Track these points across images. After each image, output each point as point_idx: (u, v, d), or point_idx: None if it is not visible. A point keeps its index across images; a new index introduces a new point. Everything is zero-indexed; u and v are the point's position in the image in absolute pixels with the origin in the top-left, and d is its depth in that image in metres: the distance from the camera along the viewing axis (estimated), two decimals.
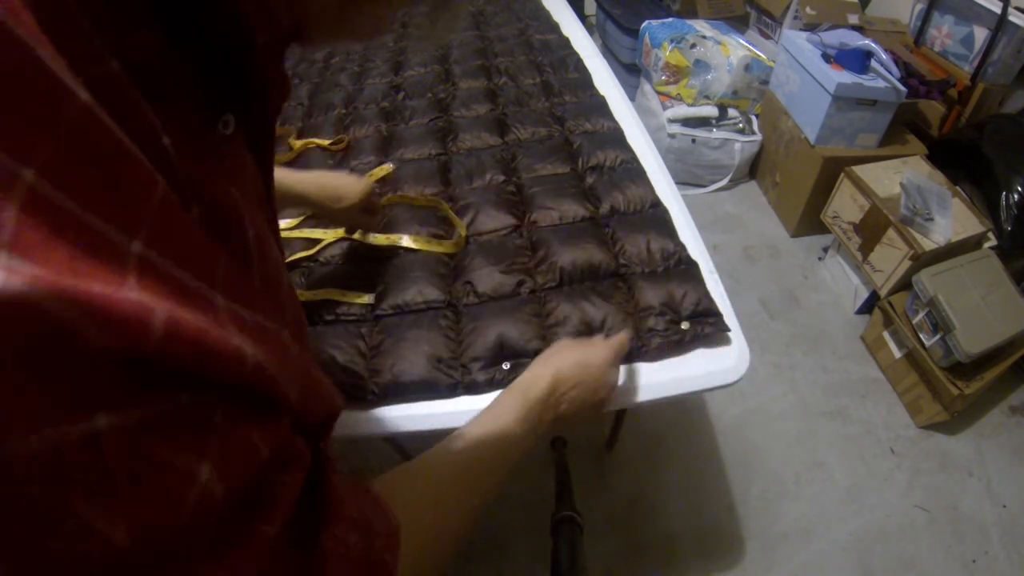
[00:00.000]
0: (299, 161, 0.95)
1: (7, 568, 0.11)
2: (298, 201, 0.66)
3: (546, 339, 0.64)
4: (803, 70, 1.64)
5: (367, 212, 0.72)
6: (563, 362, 0.49)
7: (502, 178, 0.86)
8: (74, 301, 0.10)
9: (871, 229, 1.44)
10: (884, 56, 1.53)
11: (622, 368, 0.59)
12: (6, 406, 0.10)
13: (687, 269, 0.70)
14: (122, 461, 0.12)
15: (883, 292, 1.43)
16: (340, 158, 0.95)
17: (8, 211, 0.10)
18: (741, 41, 1.94)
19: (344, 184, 0.68)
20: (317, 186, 0.65)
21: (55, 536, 0.11)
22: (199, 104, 0.19)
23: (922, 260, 1.31)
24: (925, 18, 1.71)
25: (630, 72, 2.23)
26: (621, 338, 0.56)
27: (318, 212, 0.71)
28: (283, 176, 0.61)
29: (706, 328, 0.64)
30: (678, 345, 0.63)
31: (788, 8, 1.95)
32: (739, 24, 2.24)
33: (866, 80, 1.49)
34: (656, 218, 0.77)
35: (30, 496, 0.10)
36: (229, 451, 0.15)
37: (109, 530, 0.12)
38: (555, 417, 0.48)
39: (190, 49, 0.18)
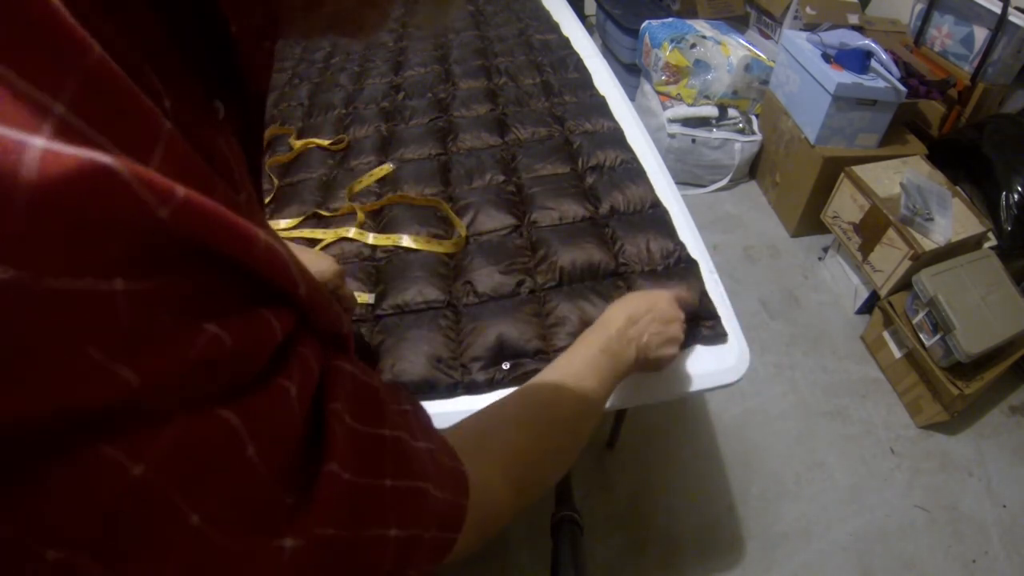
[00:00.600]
0: (299, 161, 0.95)
1: (21, 397, 0.12)
2: None
3: (546, 339, 0.64)
4: (803, 70, 1.64)
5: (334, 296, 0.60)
6: (637, 303, 0.53)
7: (502, 178, 0.86)
8: (110, 173, 0.12)
9: (871, 229, 1.44)
10: (884, 56, 1.53)
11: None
12: (41, 252, 0.11)
13: (687, 268, 0.70)
14: (137, 322, 0.13)
15: (883, 292, 1.43)
16: (340, 158, 0.95)
17: (42, 136, 0.11)
18: (741, 41, 1.94)
19: (308, 260, 0.58)
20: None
21: (67, 372, 0.12)
22: (197, 86, 0.20)
23: (922, 260, 1.32)
24: (925, 18, 1.71)
25: (630, 72, 2.23)
26: (682, 290, 0.60)
27: None
28: None
29: (704, 331, 0.64)
30: None
31: (788, 8, 1.95)
32: (739, 24, 2.24)
33: (866, 80, 1.49)
34: (656, 218, 0.77)
35: (48, 330, 0.12)
36: (241, 322, 0.16)
37: (121, 371, 0.13)
38: (639, 349, 0.51)
39: (184, 34, 0.19)
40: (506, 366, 0.61)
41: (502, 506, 0.34)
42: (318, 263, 0.57)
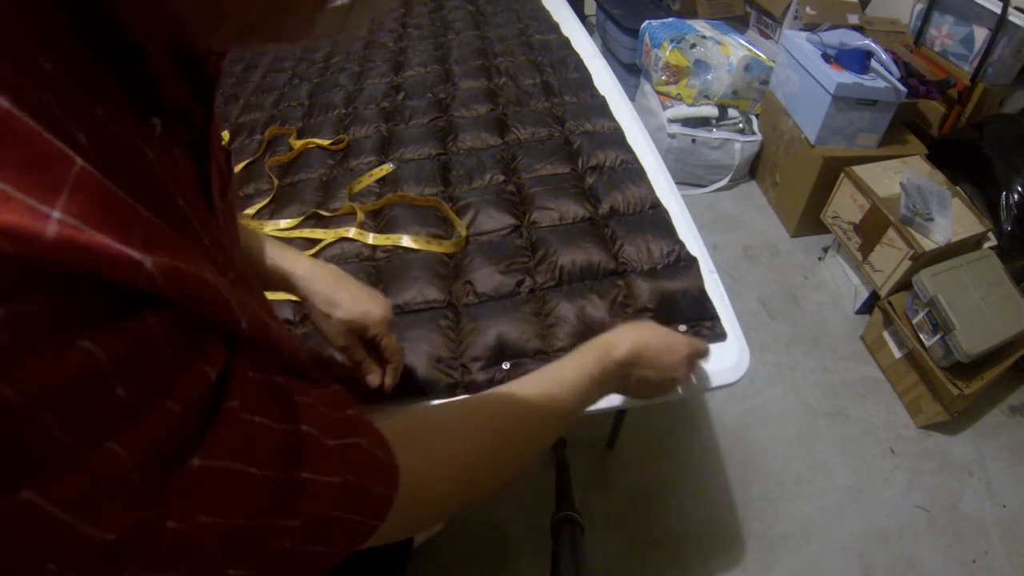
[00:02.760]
0: (299, 161, 0.95)
1: None
2: (284, 284, 0.52)
3: (545, 338, 0.64)
4: (803, 70, 1.64)
5: (361, 339, 0.53)
6: (649, 339, 0.51)
7: (502, 178, 0.86)
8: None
9: (871, 229, 1.44)
10: (884, 56, 1.53)
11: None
12: None
13: (687, 266, 0.70)
14: (14, 343, 0.14)
15: (883, 292, 1.43)
16: (340, 158, 0.95)
17: None
18: (741, 41, 1.94)
19: (363, 298, 0.53)
20: (315, 280, 0.52)
21: None
22: (127, 102, 0.21)
23: (922, 260, 1.32)
24: (925, 18, 1.71)
25: (630, 72, 2.23)
26: (702, 344, 0.56)
27: (306, 307, 0.54)
28: (284, 252, 0.53)
29: (703, 331, 0.64)
30: None
31: (788, 8, 1.95)
32: (739, 24, 2.24)
33: (866, 80, 1.49)
34: (656, 219, 0.77)
35: None
36: (118, 333, 0.17)
37: (2, 390, 0.14)
38: (621, 386, 0.51)
39: (108, 53, 0.20)
40: (506, 366, 0.62)
41: (445, 502, 0.36)
42: (368, 304, 0.52)
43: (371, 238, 0.76)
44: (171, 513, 0.19)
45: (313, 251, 0.75)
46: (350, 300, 0.51)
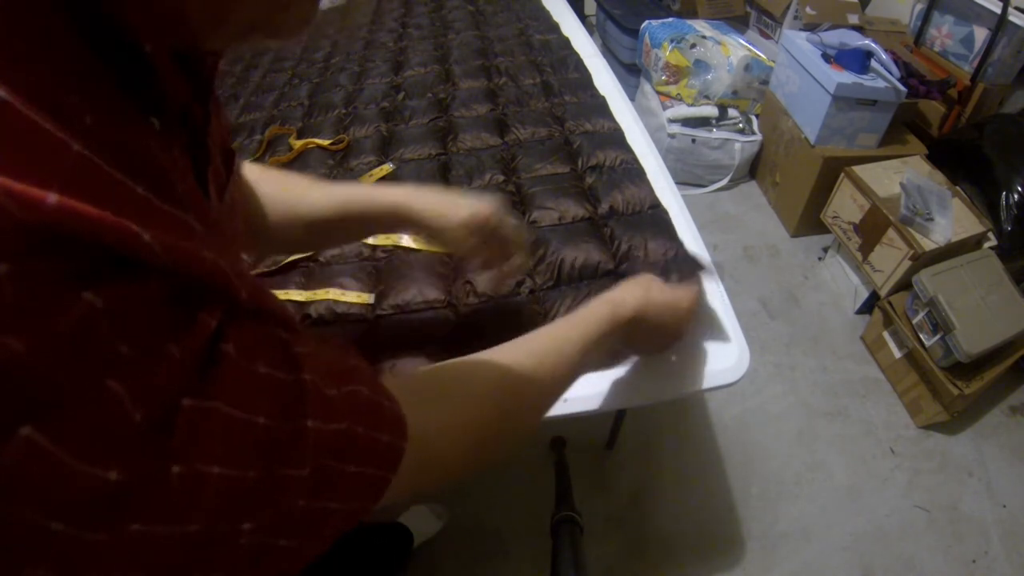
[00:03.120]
0: (299, 161, 0.95)
1: None
2: (386, 216, 0.54)
3: None
4: (803, 70, 1.64)
5: (479, 237, 0.55)
6: (655, 296, 0.51)
7: (502, 178, 0.86)
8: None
9: (871, 229, 1.44)
10: (884, 56, 1.53)
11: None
12: None
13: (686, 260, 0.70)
14: (17, 298, 0.15)
15: (883, 292, 1.43)
16: (340, 158, 0.95)
17: None
18: (741, 41, 1.94)
19: (453, 199, 0.54)
20: (417, 197, 0.54)
21: None
22: (126, 103, 0.21)
23: (922, 260, 1.32)
24: (925, 18, 1.71)
25: (630, 72, 2.23)
26: (702, 291, 0.56)
27: (416, 230, 0.57)
28: (369, 190, 0.55)
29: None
30: None
31: (788, 8, 1.95)
32: (739, 24, 2.24)
33: (866, 80, 1.50)
34: (656, 219, 0.77)
35: None
36: (119, 287, 0.17)
37: (5, 340, 0.14)
38: (624, 340, 0.51)
39: (107, 53, 0.20)
40: None
41: (447, 464, 0.35)
42: (474, 201, 0.54)
43: (371, 238, 0.76)
44: (175, 457, 0.18)
45: (311, 251, 0.75)
46: (456, 203, 0.54)
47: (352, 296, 0.68)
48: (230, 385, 0.21)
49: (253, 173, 0.52)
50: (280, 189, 0.53)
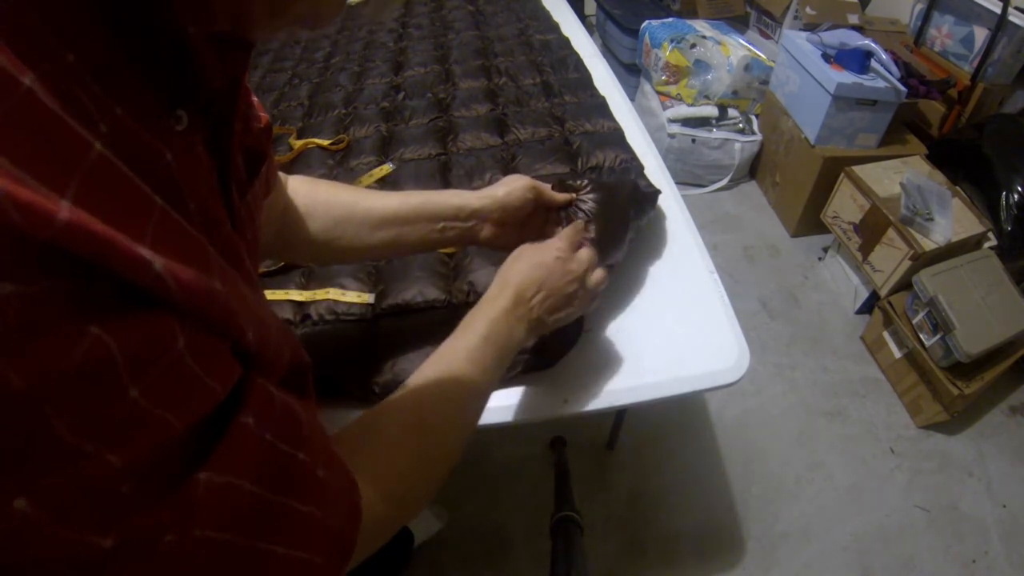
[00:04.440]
0: (299, 161, 0.95)
1: None
2: (453, 212, 0.55)
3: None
4: (803, 70, 1.64)
5: (534, 195, 0.56)
6: (519, 271, 0.48)
7: (502, 178, 0.86)
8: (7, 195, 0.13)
9: (871, 229, 1.44)
10: (884, 56, 1.53)
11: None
12: None
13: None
14: (21, 322, 0.14)
15: (883, 292, 1.43)
16: (340, 158, 0.95)
17: None
18: (741, 41, 1.94)
19: (499, 182, 0.57)
20: (470, 192, 0.57)
21: None
22: (150, 96, 0.20)
23: (922, 260, 1.32)
24: (925, 18, 1.71)
25: (630, 72, 2.23)
26: (574, 226, 0.53)
27: (485, 218, 0.56)
28: (422, 194, 0.56)
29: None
30: None
31: (788, 8, 1.95)
32: (739, 24, 2.24)
33: (866, 80, 1.49)
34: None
35: None
36: (129, 324, 0.16)
37: (6, 373, 0.14)
38: (531, 325, 0.47)
39: (135, 42, 0.19)
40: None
41: (382, 524, 0.34)
42: (504, 185, 0.56)
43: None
44: (172, 527, 0.18)
45: None
46: (501, 182, 0.57)
47: (352, 296, 0.68)
48: (238, 455, 0.21)
49: (294, 184, 0.52)
50: (331, 195, 0.53)
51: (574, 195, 0.59)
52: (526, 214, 0.57)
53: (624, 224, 0.63)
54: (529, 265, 0.48)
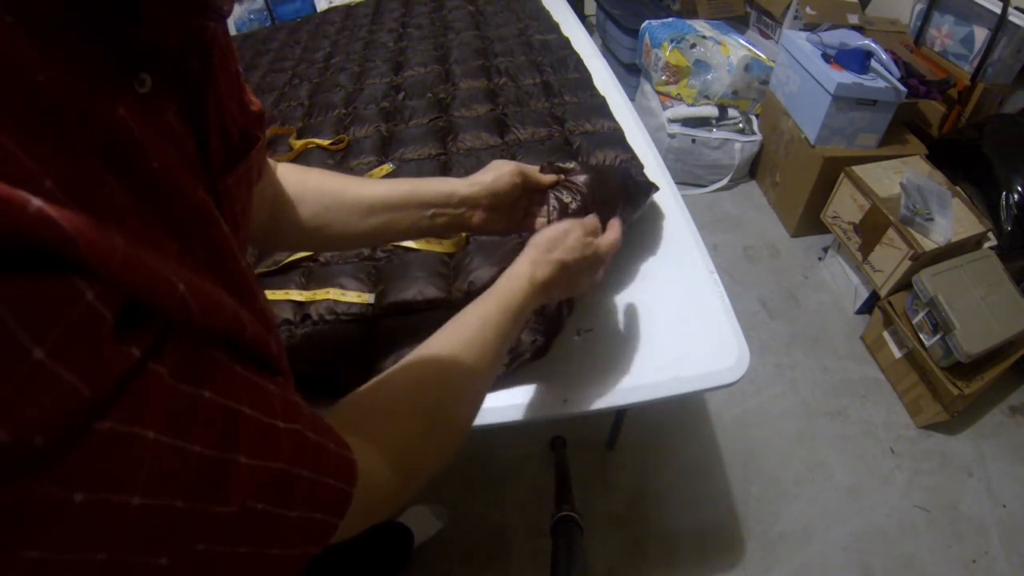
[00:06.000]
0: (299, 161, 0.95)
1: None
2: (443, 199, 0.56)
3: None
4: (803, 70, 1.64)
5: (522, 181, 0.58)
6: (567, 254, 0.49)
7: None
8: None
9: (871, 229, 1.44)
10: (884, 56, 1.53)
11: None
12: None
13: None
14: None
15: (883, 292, 1.43)
16: (340, 158, 0.95)
17: None
18: (741, 41, 1.94)
19: (485, 168, 0.58)
20: (458, 180, 0.58)
21: None
22: (108, 58, 0.20)
23: (922, 260, 1.32)
24: (925, 18, 1.71)
25: (630, 72, 2.23)
26: (591, 218, 0.54)
27: (476, 203, 0.57)
28: (410, 181, 0.57)
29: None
30: None
31: (788, 8, 1.95)
32: (739, 24, 2.24)
33: (866, 80, 1.49)
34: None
35: None
36: (19, 284, 0.15)
37: None
38: (544, 285, 0.48)
39: (85, 2, 0.19)
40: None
41: (389, 492, 0.34)
42: (489, 171, 0.57)
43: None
44: (78, 484, 0.17)
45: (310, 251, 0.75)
46: (488, 167, 0.58)
47: (352, 296, 0.68)
48: (149, 404, 0.19)
49: (284, 170, 0.52)
50: (321, 181, 0.54)
51: (561, 176, 0.60)
52: (514, 198, 0.58)
53: (612, 210, 0.64)
54: (557, 229, 0.50)
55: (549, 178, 0.60)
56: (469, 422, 0.41)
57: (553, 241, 0.49)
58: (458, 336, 0.42)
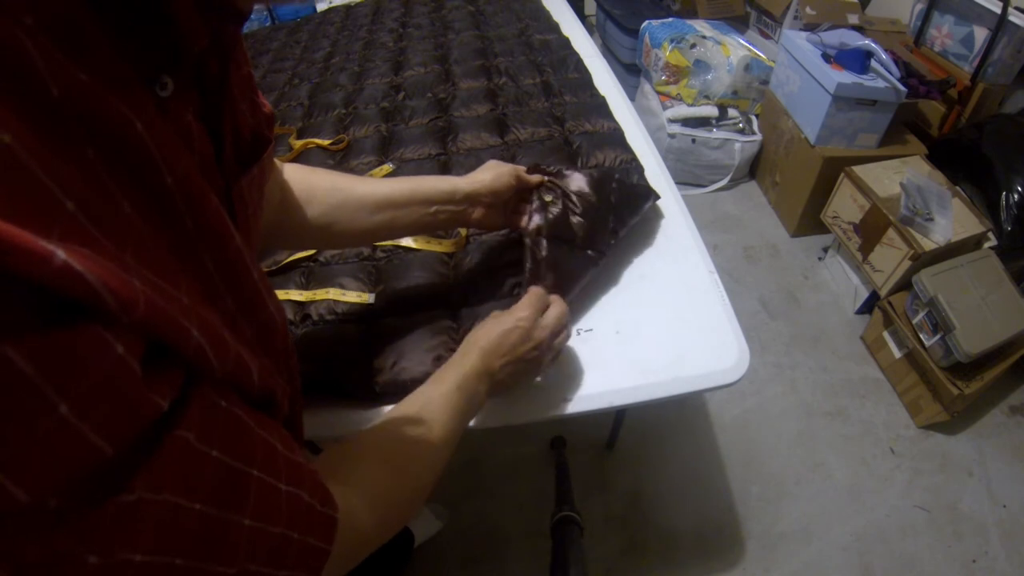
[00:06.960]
0: (299, 161, 0.95)
1: None
2: (445, 197, 0.58)
3: None
4: (803, 70, 1.64)
5: (518, 182, 0.62)
6: (486, 338, 0.50)
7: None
8: None
9: (871, 229, 1.44)
10: (884, 56, 1.53)
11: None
12: None
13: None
14: None
15: (883, 292, 1.43)
16: (340, 158, 0.95)
17: None
18: (741, 41, 1.94)
19: (483, 168, 0.62)
20: (460, 178, 0.60)
21: None
22: (131, 60, 0.20)
23: (922, 260, 1.32)
24: (925, 18, 1.71)
25: (630, 72, 2.23)
26: (532, 291, 0.55)
27: (476, 200, 0.60)
28: (411, 179, 0.59)
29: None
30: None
31: (788, 8, 1.95)
32: (739, 24, 2.24)
33: (866, 80, 1.49)
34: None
35: None
36: (44, 342, 0.15)
37: None
38: (492, 386, 0.50)
39: (110, 4, 0.18)
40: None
41: (366, 538, 0.35)
42: (487, 171, 0.61)
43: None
44: (96, 548, 0.16)
45: (313, 250, 0.75)
46: (487, 166, 0.62)
47: (352, 296, 0.68)
48: (175, 471, 0.19)
49: (290, 171, 0.53)
50: (328, 181, 0.55)
51: (544, 178, 0.65)
52: (509, 196, 0.63)
53: (607, 212, 0.67)
54: (496, 335, 0.51)
55: (536, 178, 0.65)
56: (429, 485, 0.43)
57: (497, 347, 0.50)
58: (419, 408, 0.45)
